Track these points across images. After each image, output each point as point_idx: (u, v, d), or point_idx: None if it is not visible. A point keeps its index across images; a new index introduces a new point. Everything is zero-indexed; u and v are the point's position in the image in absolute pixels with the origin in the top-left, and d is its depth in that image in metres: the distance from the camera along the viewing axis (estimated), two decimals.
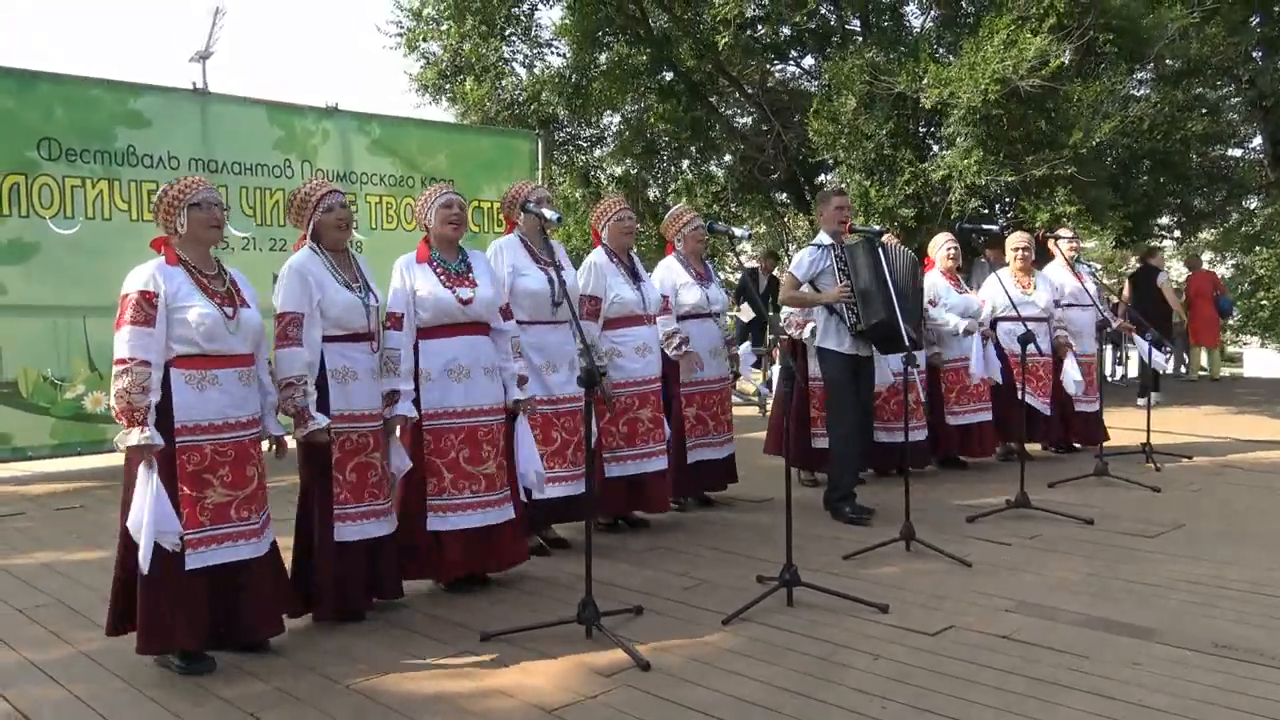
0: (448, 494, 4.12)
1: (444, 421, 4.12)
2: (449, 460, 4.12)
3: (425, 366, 4.11)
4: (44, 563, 4.84)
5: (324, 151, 8.11)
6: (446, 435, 4.12)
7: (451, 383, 4.13)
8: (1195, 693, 3.09)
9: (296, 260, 3.81)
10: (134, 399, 3.16)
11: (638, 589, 4.24)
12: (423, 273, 4.15)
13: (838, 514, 5.49)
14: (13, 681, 3.30)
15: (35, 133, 6.78)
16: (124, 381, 3.17)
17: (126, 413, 3.16)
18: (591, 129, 13.81)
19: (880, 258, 5.30)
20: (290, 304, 3.71)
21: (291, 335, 3.68)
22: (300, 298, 3.72)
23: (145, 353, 3.20)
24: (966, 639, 3.59)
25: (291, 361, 3.66)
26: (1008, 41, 8.88)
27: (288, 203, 3.91)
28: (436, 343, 4.14)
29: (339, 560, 3.79)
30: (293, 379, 3.64)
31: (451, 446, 4.13)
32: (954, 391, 6.86)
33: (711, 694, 3.13)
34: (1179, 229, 15.78)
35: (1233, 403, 11.29)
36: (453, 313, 4.13)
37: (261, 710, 3.05)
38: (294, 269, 3.77)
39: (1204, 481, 6.58)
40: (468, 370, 4.16)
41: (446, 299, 4.11)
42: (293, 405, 3.64)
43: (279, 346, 3.68)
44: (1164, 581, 4.29)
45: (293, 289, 3.72)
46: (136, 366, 3.19)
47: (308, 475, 3.84)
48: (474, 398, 4.17)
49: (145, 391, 3.18)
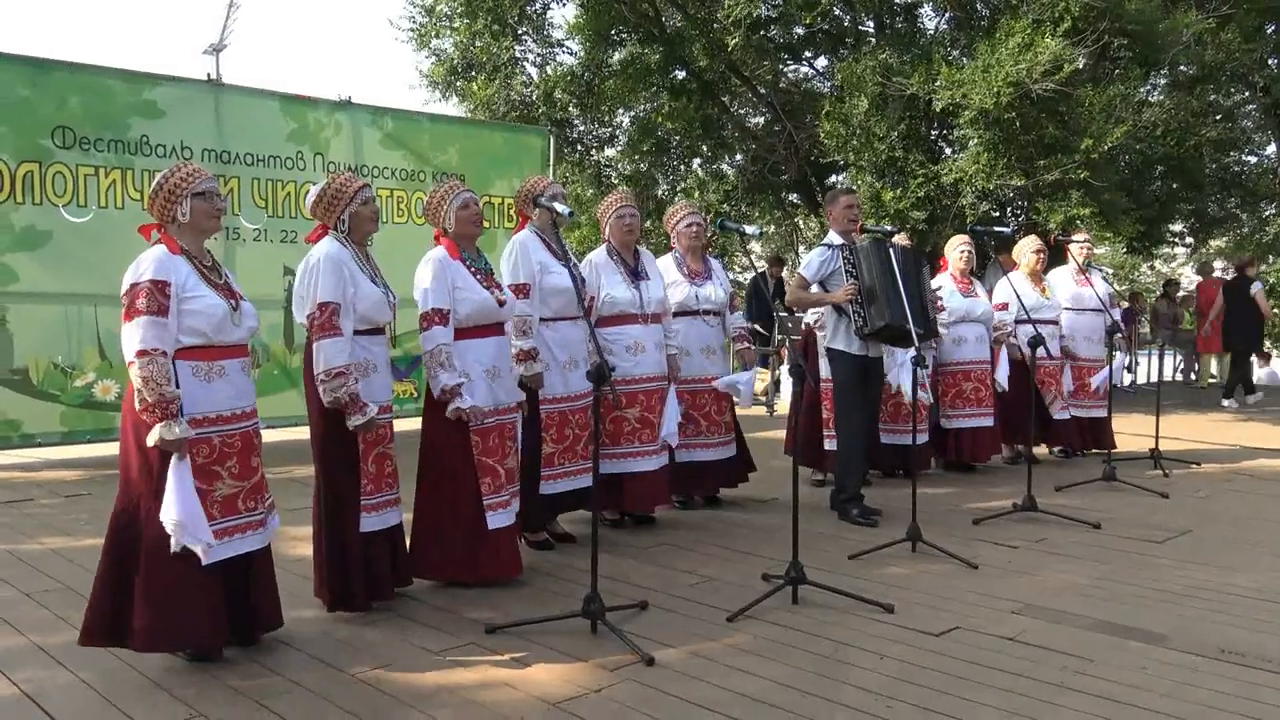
0: (501, 491, 4.15)
1: (486, 421, 4.13)
2: (499, 458, 4.16)
3: (463, 368, 4.10)
4: (52, 548, 4.86)
5: (336, 144, 8.12)
6: (491, 434, 4.15)
7: (489, 383, 4.16)
8: (1202, 698, 3.08)
9: (330, 250, 3.73)
10: (165, 390, 3.08)
11: (643, 585, 4.25)
12: (462, 272, 4.15)
13: (844, 515, 5.49)
14: (20, 665, 3.32)
15: (49, 121, 6.80)
16: (149, 372, 3.08)
17: (160, 404, 3.06)
18: (603, 128, 13.81)
19: (890, 259, 5.28)
20: (329, 293, 3.66)
21: (335, 325, 3.65)
22: (337, 288, 3.67)
23: (161, 343, 3.14)
24: (972, 640, 3.59)
25: (339, 350, 3.63)
26: (1022, 45, 8.86)
27: (317, 195, 3.81)
28: (474, 343, 4.15)
29: (366, 550, 3.79)
30: (342, 368, 3.62)
31: (498, 445, 4.16)
32: (950, 395, 6.84)
33: (715, 690, 3.13)
34: (1191, 235, 15.69)
35: (1242, 410, 11.25)
36: (489, 314, 4.16)
37: (269, 699, 3.06)
38: (330, 259, 3.70)
39: (1212, 488, 6.56)
40: (499, 370, 4.22)
41: (489, 300, 4.15)
42: (346, 393, 3.61)
43: (322, 336, 3.63)
44: (1171, 587, 4.28)
45: (333, 278, 3.67)
46: (159, 356, 3.11)
47: (331, 468, 3.79)
48: (506, 396, 4.24)
49: (171, 382, 3.11)
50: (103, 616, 3.22)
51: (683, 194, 13.86)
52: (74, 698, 3.08)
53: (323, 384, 3.63)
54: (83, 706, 3.02)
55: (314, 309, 3.67)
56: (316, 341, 3.64)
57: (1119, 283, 23.65)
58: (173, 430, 3.08)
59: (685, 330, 5.61)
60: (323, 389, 3.63)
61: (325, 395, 3.63)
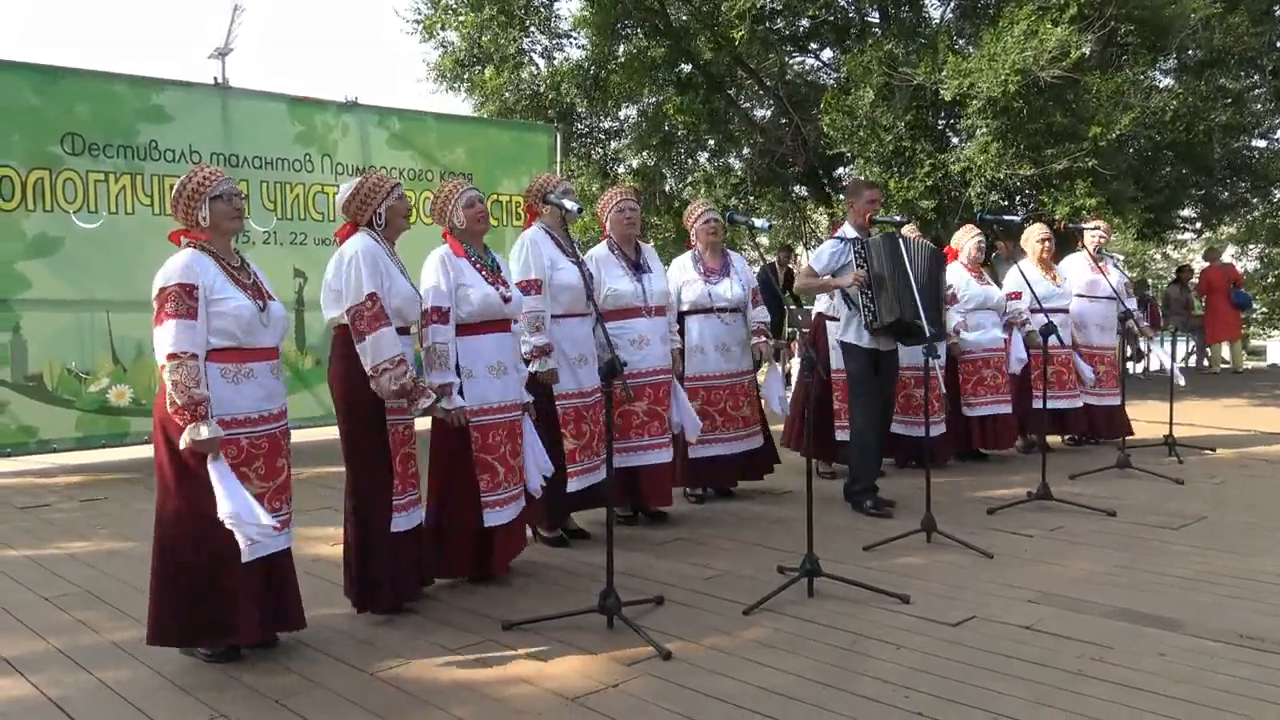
0: (502, 489, 4.17)
1: (488, 418, 4.15)
2: (499, 456, 4.16)
3: (467, 364, 4.11)
4: (70, 553, 4.89)
5: (344, 146, 8.14)
6: (494, 431, 4.16)
7: (493, 379, 4.17)
8: (1222, 684, 3.07)
9: (364, 245, 3.71)
10: (194, 392, 3.10)
11: (659, 580, 4.25)
12: (467, 268, 4.16)
13: (858, 506, 5.48)
14: (42, 669, 3.34)
15: (59, 128, 6.84)
16: (180, 375, 3.11)
17: (190, 407, 3.09)
18: (610, 121, 13.81)
19: (901, 252, 5.26)
20: (372, 285, 3.65)
21: (382, 314, 3.64)
22: (375, 280, 3.67)
23: (192, 346, 3.16)
24: (989, 629, 3.58)
25: (389, 341, 3.62)
26: (1028, 32, 8.83)
27: (352, 192, 3.80)
28: (479, 339, 4.16)
29: (395, 550, 3.80)
30: (395, 358, 3.61)
31: (500, 442, 4.17)
32: (970, 383, 6.83)
33: (733, 683, 3.13)
34: (1201, 221, 15.62)
35: (1256, 396, 11.19)
36: (494, 311, 4.17)
37: (289, 698, 3.07)
38: (367, 253, 3.68)
39: (1227, 474, 6.53)
40: (505, 367, 4.23)
41: (494, 297, 4.15)
42: (410, 379, 3.63)
43: (372, 329, 3.61)
44: (1188, 573, 4.27)
45: (371, 271, 3.67)
46: (189, 360, 3.14)
47: (363, 468, 3.78)
48: (510, 393, 4.25)
49: (201, 385, 3.14)
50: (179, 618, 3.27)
51: (690, 188, 13.85)
52: (95, 700, 3.10)
53: (385, 373, 3.60)
54: (104, 708, 3.03)
55: (359, 301, 3.63)
56: (371, 334, 3.61)
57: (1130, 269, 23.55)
58: (201, 431, 3.10)
59: (700, 328, 5.61)
60: (385, 378, 3.60)
61: (388, 385, 3.59)
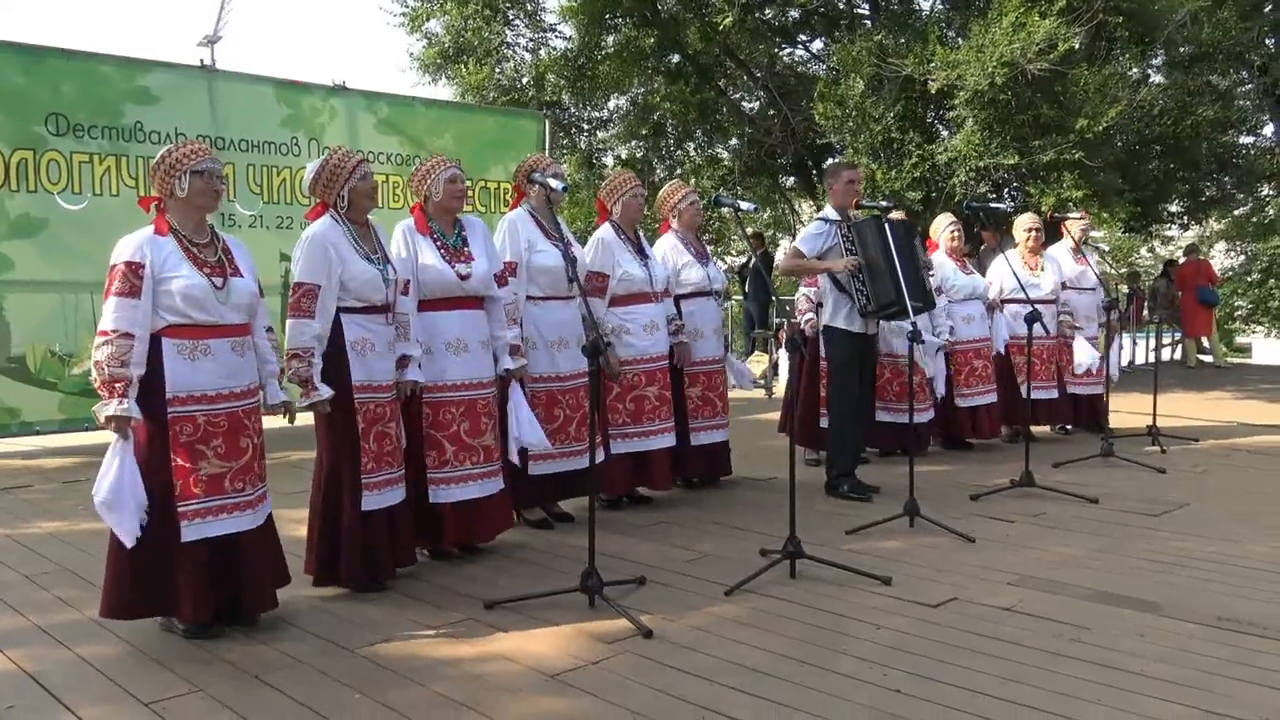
0: (450, 466, 4.16)
1: (443, 395, 4.15)
2: (451, 433, 4.16)
3: (423, 340, 4.12)
4: (50, 532, 4.87)
5: (331, 129, 8.09)
6: (446, 408, 4.16)
7: (450, 357, 4.17)
8: (1199, 664, 3.09)
9: (318, 230, 3.74)
10: (114, 371, 3.16)
11: (641, 561, 4.26)
12: (426, 244, 4.16)
13: (835, 490, 5.49)
14: (20, 644, 3.33)
15: (43, 108, 6.78)
16: (104, 353, 3.16)
17: (106, 384, 3.16)
18: (596, 111, 13.78)
19: (887, 235, 5.27)
20: (308, 275, 3.69)
21: (304, 307, 3.67)
22: (319, 269, 3.69)
23: (129, 325, 3.19)
24: (969, 610, 3.60)
25: (301, 333, 3.66)
26: (1016, 24, 8.83)
27: (316, 172, 3.81)
28: (436, 316, 4.17)
29: (365, 529, 3.79)
30: (299, 350, 3.65)
31: (453, 420, 4.17)
32: (963, 373, 6.85)
33: (713, 660, 3.14)
34: (1188, 215, 15.67)
35: (1240, 389, 11.26)
36: (452, 288, 4.16)
37: (268, 673, 3.07)
38: (316, 239, 3.71)
39: (1209, 463, 6.58)
40: (465, 344, 4.21)
41: (449, 274, 4.15)
42: (297, 376, 3.65)
43: (291, 317, 3.68)
44: (1168, 558, 4.29)
45: (313, 260, 3.69)
46: (118, 339, 3.18)
47: (331, 447, 3.79)
48: (472, 371, 4.22)
49: (125, 365, 3.17)
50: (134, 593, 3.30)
51: (681, 178, 13.84)
52: (73, 674, 3.09)
53: (294, 359, 3.66)
54: (82, 682, 3.03)
55: (292, 288, 3.72)
56: (292, 319, 3.69)
57: (1116, 263, 23.63)
58: (109, 408, 3.15)
59: (699, 311, 5.60)
60: (293, 363, 3.67)
61: (291, 372, 3.67)
